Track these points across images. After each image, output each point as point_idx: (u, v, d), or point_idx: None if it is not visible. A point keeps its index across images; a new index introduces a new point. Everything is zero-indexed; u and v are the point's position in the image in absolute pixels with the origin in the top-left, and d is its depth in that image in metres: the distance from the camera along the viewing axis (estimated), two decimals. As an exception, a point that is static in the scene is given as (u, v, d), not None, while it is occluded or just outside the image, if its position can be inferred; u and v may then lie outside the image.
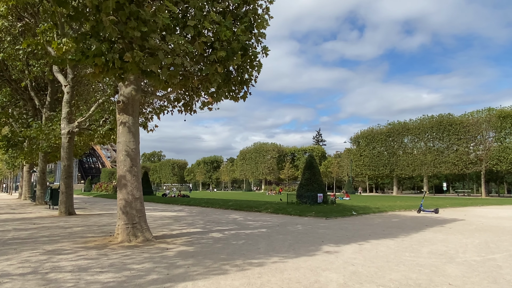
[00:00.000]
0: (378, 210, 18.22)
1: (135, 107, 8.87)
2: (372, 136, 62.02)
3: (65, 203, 15.90)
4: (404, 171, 56.97)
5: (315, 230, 11.15)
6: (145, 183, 38.52)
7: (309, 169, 18.57)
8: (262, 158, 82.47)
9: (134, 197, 8.60)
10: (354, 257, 7.01)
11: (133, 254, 7.10)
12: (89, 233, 10.21)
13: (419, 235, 10.26)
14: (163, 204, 26.17)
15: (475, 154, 49.11)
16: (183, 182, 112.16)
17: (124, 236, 8.40)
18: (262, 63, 8.70)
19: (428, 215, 17.14)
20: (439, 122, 52.75)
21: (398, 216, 16.76)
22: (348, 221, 13.92)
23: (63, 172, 15.93)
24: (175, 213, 17.59)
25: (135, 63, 6.90)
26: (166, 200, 28.56)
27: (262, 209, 18.22)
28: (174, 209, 20.69)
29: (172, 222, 13.36)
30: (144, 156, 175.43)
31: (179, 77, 7.94)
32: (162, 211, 19.15)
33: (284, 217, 15.66)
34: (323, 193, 18.32)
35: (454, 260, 6.95)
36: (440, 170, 52.96)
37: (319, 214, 15.37)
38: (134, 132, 8.78)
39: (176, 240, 8.92)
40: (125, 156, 8.64)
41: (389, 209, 19.30)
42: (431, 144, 54.18)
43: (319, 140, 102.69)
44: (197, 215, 16.72)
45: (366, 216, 16.40)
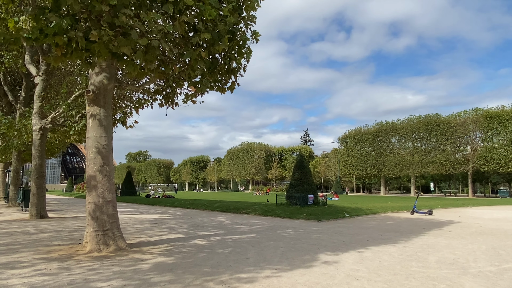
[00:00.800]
0: (371, 212, 17.51)
1: (107, 98, 7.81)
2: (360, 136, 61.77)
3: (36, 205, 14.64)
4: (391, 171, 56.86)
5: (308, 234, 10.27)
6: (129, 183, 37.16)
7: (299, 169, 17.72)
8: (249, 158, 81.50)
9: (105, 200, 7.54)
10: (356, 269, 6.13)
11: (101, 267, 6.07)
12: (56, 240, 9.08)
13: (420, 240, 9.50)
14: (146, 206, 24.96)
15: (462, 155, 49.25)
16: (169, 182, 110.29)
17: (94, 245, 7.34)
18: (252, 50, 7.76)
19: (422, 217, 16.50)
20: (427, 122, 52.78)
21: (392, 218, 16.06)
22: (342, 224, 13.11)
23: (33, 171, 14.66)
24: (157, 216, 16.49)
25: (103, 44, 5.88)
26: (150, 201, 27.34)
27: (250, 211, 17.29)
28: (157, 211, 19.55)
29: (153, 226, 12.28)
30: (130, 156, 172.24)
31: (157, 63, 6.93)
32: (143, 214, 18.00)
33: (274, 219, 14.75)
34: (314, 194, 17.49)
35: (468, 272, 6.15)
36: (427, 170, 53.00)
37: (310, 217, 14.52)
38: (106, 126, 7.72)
39: (153, 248, 7.89)
40: (96, 154, 7.57)
41: (382, 210, 18.62)
42: (419, 144, 54.20)
43: (306, 140, 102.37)
44: (180, 217, 15.66)
45: (359, 218, 15.64)
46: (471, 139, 48.82)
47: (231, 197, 36.58)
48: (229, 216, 16.35)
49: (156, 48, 6.23)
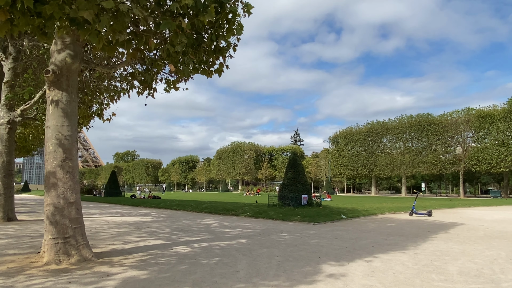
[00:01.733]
0: (368, 213, 16.54)
1: (71, 80, 6.58)
2: (351, 135, 61.08)
3: (3, 206, 13.23)
4: (383, 171, 56.30)
5: (306, 239, 9.18)
6: (113, 184, 35.61)
7: (292, 168, 16.63)
8: (239, 158, 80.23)
9: (67, 201, 6.31)
10: (370, 285, 5.05)
11: (55, 285, 4.86)
12: (13, 248, 7.79)
13: (430, 246, 8.49)
14: (129, 207, 23.59)
15: (454, 155, 48.92)
16: (158, 182, 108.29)
17: (52, 255, 6.11)
18: (243, 24, 6.61)
19: (422, 218, 15.60)
20: (418, 122, 52.32)
21: (391, 219, 15.10)
22: (340, 227, 12.06)
23: (1, 169, 13.24)
24: (139, 218, 15.20)
25: (57, 6, 4.67)
26: (134, 202, 25.93)
27: (240, 213, 16.14)
28: (140, 213, 18.24)
29: (131, 230, 11.01)
30: (117, 156, 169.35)
31: (129, 37, 5.72)
32: (124, 216, 16.67)
33: (266, 222, 13.64)
34: (308, 194, 16.42)
35: (501, 286, 5.13)
36: (418, 170, 52.56)
37: (305, 219, 13.44)
38: (69, 114, 6.49)
39: (126, 259, 6.68)
40: (56, 146, 6.34)
41: (378, 211, 17.68)
42: (410, 144, 53.74)
43: (297, 140, 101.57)
44: (164, 220, 14.42)
45: (357, 220, 14.65)
46: (462, 139, 48.49)
47: (220, 198, 35.35)
48: (218, 218, 15.17)
49: (125, 14, 5.04)
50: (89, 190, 40.17)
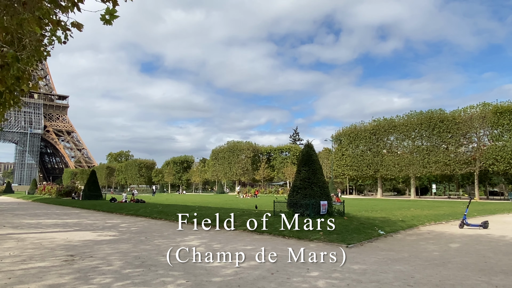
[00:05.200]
0: (406, 225, 12.51)
1: None
2: (355, 134, 57.06)
3: None
4: (390, 172, 52.33)
5: (354, 286, 5.10)
6: (92, 185, 31.27)
7: (306, 165, 12.51)
8: (236, 158, 75.96)
9: None
10: None
11: None
12: None
13: None
14: (101, 214, 19.37)
15: (469, 154, 45.04)
16: (151, 183, 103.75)
17: None
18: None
19: (481, 232, 11.63)
20: (429, 119, 48.36)
21: (443, 235, 11.09)
22: (389, 253, 8.00)
23: None
24: (95, 235, 10.99)
25: None
26: (111, 208, 21.67)
27: (237, 225, 12.06)
28: (106, 224, 14.03)
29: (56, 266, 6.71)
30: (111, 156, 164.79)
31: None
32: (80, 229, 12.41)
33: (274, 241, 9.57)
34: (328, 200, 12.33)
35: None
36: (429, 171, 48.60)
37: (331, 237, 9.40)
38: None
39: None
40: None
41: (416, 221, 13.65)
42: (420, 142, 49.82)
43: (296, 139, 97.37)
44: (129, 239, 10.24)
45: (399, 236, 10.62)
46: (477, 137, 44.66)
47: (215, 200, 31.08)
48: (206, 234, 11.03)
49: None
50: (68, 192, 35.82)
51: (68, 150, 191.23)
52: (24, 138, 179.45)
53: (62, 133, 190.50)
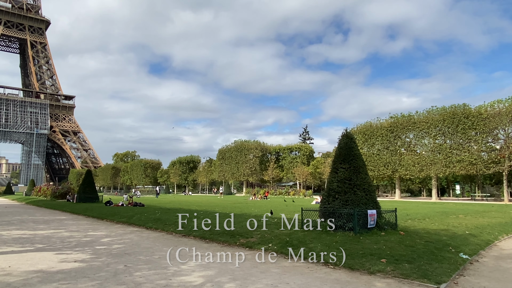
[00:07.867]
0: (482, 242, 9.28)
1: None
2: (371, 131, 53.61)
3: None
4: (409, 172, 48.77)
5: None
6: (87, 187, 28.41)
7: (346, 161, 9.35)
8: (243, 158, 72.90)
9: None
10: None
11: None
12: None
13: None
14: (89, 221, 16.41)
15: (497, 152, 41.36)
16: (157, 184, 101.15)
17: None
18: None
19: None
20: (452, 114, 44.73)
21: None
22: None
23: None
24: (60, 258, 7.97)
25: None
26: (103, 213, 18.72)
27: (255, 243, 8.93)
28: (84, 238, 11.01)
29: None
30: (117, 156, 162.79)
31: None
32: (40, 250, 9.40)
33: (315, 274, 6.47)
34: (377, 208, 9.16)
35: None
36: (453, 171, 44.98)
37: (402, 267, 6.24)
38: None
39: None
40: None
41: (487, 235, 10.40)
42: (442, 140, 46.20)
43: (305, 138, 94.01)
44: (101, 267, 7.19)
45: (486, 261, 7.44)
46: (506, 134, 40.98)
47: (222, 203, 27.97)
48: (214, 259, 7.91)
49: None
50: (64, 194, 33.12)
51: (75, 150, 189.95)
52: (30, 139, 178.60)
53: (68, 134, 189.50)
